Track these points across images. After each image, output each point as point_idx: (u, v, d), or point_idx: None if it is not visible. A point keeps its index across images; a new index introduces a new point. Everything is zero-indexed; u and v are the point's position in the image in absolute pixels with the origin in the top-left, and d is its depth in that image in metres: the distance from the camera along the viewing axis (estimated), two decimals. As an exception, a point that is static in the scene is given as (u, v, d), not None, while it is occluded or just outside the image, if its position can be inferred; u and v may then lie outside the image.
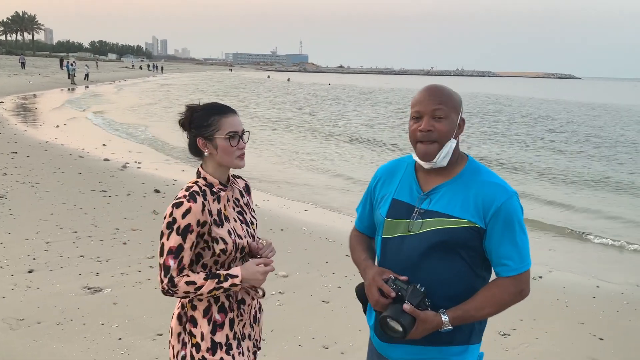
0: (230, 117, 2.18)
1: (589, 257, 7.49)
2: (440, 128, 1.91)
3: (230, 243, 2.15)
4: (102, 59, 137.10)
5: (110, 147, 14.12)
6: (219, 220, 2.17)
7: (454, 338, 1.95)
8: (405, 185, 2.05)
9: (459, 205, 1.92)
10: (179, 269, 2.08)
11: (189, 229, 2.07)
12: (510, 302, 1.94)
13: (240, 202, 2.31)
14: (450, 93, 1.97)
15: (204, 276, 2.09)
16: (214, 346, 2.16)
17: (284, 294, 5.22)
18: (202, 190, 2.16)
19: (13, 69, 51.80)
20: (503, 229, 1.90)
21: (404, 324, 1.83)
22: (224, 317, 2.19)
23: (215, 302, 2.18)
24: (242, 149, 2.19)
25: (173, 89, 47.58)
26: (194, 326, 2.18)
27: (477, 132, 23.66)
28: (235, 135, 2.16)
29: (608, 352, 4.45)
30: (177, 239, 2.07)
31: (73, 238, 6.43)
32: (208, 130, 2.16)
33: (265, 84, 70.60)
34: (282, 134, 21.23)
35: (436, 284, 1.92)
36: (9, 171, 9.91)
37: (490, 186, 1.93)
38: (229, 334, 2.19)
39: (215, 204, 2.19)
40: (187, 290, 2.08)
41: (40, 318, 4.40)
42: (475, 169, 2.00)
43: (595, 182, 13.45)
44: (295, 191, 10.99)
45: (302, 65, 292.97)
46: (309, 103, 39.05)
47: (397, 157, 2.25)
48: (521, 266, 1.93)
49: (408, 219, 1.98)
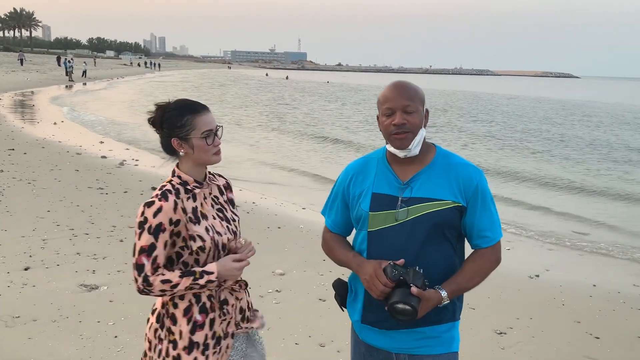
0: (204, 115, 2.15)
1: (586, 256, 7.49)
2: (412, 120, 2.06)
3: (208, 240, 2.13)
4: (100, 56, 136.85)
5: (108, 145, 14.10)
6: (195, 218, 2.14)
7: (442, 317, 2.10)
8: (382, 178, 2.15)
9: (442, 188, 2.07)
10: (153, 268, 2.07)
11: (161, 227, 2.06)
12: (491, 270, 2.16)
13: (219, 200, 2.29)
14: (415, 88, 2.13)
15: (179, 274, 2.08)
16: (191, 345, 2.15)
17: (281, 292, 5.22)
18: (176, 189, 2.15)
19: (11, 65, 51.69)
20: (481, 205, 2.09)
21: (414, 305, 1.92)
22: (205, 317, 2.18)
23: (197, 302, 2.17)
24: (217, 146, 2.18)
25: (172, 86, 47.46)
26: (174, 324, 2.17)
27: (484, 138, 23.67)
28: (210, 133, 2.14)
29: (604, 351, 4.46)
30: (149, 238, 2.06)
31: (70, 235, 6.41)
32: (183, 130, 2.13)
33: (272, 82, 70.42)
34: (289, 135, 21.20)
35: (428, 265, 2.04)
36: (6, 168, 9.89)
37: (464, 167, 2.12)
38: (208, 333, 2.18)
39: (191, 202, 2.16)
40: (163, 288, 2.07)
41: (36, 315, 4.39)
42: (445, 155, 2.17)
43: (589, 183, 13.47)
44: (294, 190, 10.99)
45: (300, 63, 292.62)
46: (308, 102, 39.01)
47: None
48: (497, 236, 2.14)
49: (393, 209, 2.08)
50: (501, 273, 5.92)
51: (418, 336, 2.09)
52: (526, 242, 7.96)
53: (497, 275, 5.58)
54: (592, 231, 8.79)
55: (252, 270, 6.34)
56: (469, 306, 5.08)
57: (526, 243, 7.89)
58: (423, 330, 2.09)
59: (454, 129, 23.86)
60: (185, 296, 2.17)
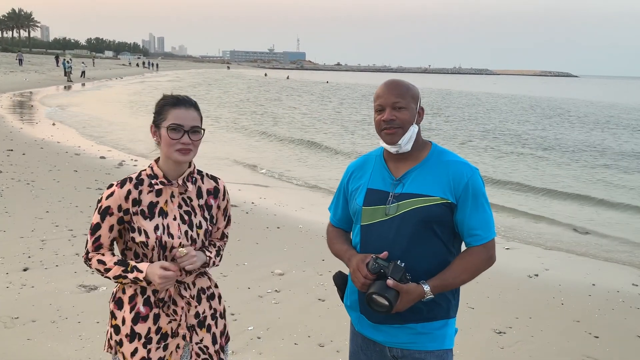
0: (180, 109, 2.13)
1: (585, 256, 7.49)
2: (401, 117, 2.12)
3: (153, 238, 2.11)
4: (98, 57, 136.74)
5: (106, 145, 14.08)
6: (149, 212, 2.14)
7: (435, 314, 2.14)
8: (377, 174, 2.22)
9: (431, 185, 2.10)
10: (95, 247, 2.16)
11: (108, 211, 2.13)
12: (482, 268, 2.14)
13: (192, 202, 2.22)
14: (408, 86, 2.18)
15: (115, 260, 2.14)
16: (133, 335, 2.17)
17: (280, 292, 5.22)
18: (139, 179, 2.17)
19: (9, 66, 51.64)
20: (472, 203, 2.09)
21: (389, 298, 1.97)
22: (149, 310, 2.17)
23: (142, 294, 2.18)
24: (184, 144, 2.11)
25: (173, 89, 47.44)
26: (119, 309, 2.20)
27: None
28: (177, 128, 2.11)
29: (603, 350, 4.46)
30: (97, 217, 2.15)
31: (69, 236, 6.41)
32: (158, 118, 2.16)
33: (272, 82, 70.39)
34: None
35: (415, 260, 2.08)
36: (5, 169, 9.88)
37: (456, 164, 2.14)
38: (151, 327, 2.17)
39: (151, 196, 2.16)
40: (98, 267, 2.16)
41: (35, 316, 4.38)
42: (439, 152, 2.20)
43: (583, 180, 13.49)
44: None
45: (299, 63, 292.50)
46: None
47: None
48: (489, 235, 2.12)
49: (384, 205, 2.14)
50: (500, 273, 5.97)
51: (410, 332, 2.13)
52: (525, 241, 7.95)
53: (496, 275, 5.63)
54: (591, 230, 8.79)
55: (252, 270, 6.34)
56: (468, 306, 5.08)
57: (525, 242, 7.89)
58: (415, 327, 2.12)
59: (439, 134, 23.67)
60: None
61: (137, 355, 2.16)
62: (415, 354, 2.15)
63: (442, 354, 2.16)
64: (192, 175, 2.24)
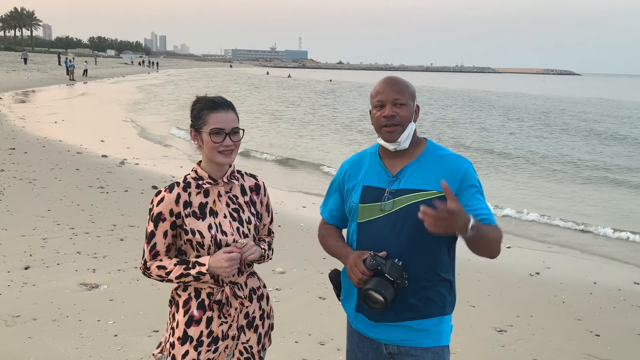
0: (220, 113, 2.16)
1: (586, 254, 7.48)
2: (401, 113, 2.12)
3: (208, 237, 2.14)
4: (101, 55, 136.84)
5: (109, 144, 14.10)
6: (200, 213, 2.17)
7: (431, 310, 2.13)
8: (373, 172, 2.21)
9: (427, 179, 2.09)
10: (152, 254, 2.16)
11: (161, 217, 2.14)
12: (500, 241, 2.07)
13: (238, 200, 2.27)
14: (406, 83, 2.18)
15: (175, 262, 2.15)
16: (185, 338, 2.19)
17: (281, 290, 5.22)
18: (186, 182, 2.20)
19: (12, 65, 51.74)
20: (470, 193, 2.08)
21: (385, 294, 1.97)
22: (202, 314, 2.19)
23: (196, 298, 2.20)
24: (226, 146, 2.15)
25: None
26: (177, 311, 2.23)
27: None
28: (219, 132, 2.14)
29: (604, 349, 4.45)
30: (151, 225, 2.16)
31: (70, 234, 6.42)
32: (198, 123, 2.18)
33: (272, 81, 70.38)
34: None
35: (412, 256, 2.07)
36: (6, 167, 9.90)
37: (452, 157, 2.16)
38: (203, 330, 2.19)
39: (200, 197, 2.19)
40: (159, 274, 2.16)
41: (36, 315, 4.40)
42: (434, 148, 2.21)
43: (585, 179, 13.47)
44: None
45: (301, 62, 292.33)
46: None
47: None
48: (492, 218, 2.08)
49: (380, 202, 2.13)
50: (501, 271, 5.97)
51: (405, 329, 2.13)
52: (526, 239, 7.94)
53: (497, 273, 5.62)
54: (592, 229, 8.77)
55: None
56: (469, 304, 5.08)
57: (526, 241, 7.88)
58: (410, 324, 2.12)
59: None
60: (187, 288, 2.21)
61: (187, 358, 2.18)
62: (412, 350, 2.15)
63: (438, 351, 2.16)
64: (234, 174, 2.28)
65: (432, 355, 2.15)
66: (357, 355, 2.31)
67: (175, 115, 23.27)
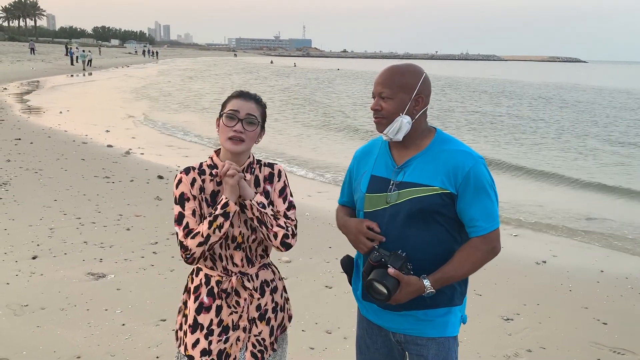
0: (240, 100, 2.16)
1: (593, 242, 7.45)
2: (385, 107, 2.09)
3: None
4: (104, 45, 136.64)
5: (114, 134, 14.12)
6: (212, 201, 2.18)
7: (438, 301, 2.11)
8: (381, 161, 2.21)
9: (430, 174, 2.07)
10: (185, 233, 2.12)
11: (184, 197, 2.15)
12: (484, 260, 2.09)
13: None
14: (402, 74, 2.11)
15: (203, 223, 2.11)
16: (195, 325, 2.19)
17: (287, 279, 5.22)
18: (201, 169, 2.21)
19: (16, 55, 51.72)
20: (473, 193, 2.04)
21: (388, 286, 1.98)
22: (212, 301, 2.19)
23: (206, 284, 2.20)
24: (236, 132, 2.11)
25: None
26: (189, 298, 2.25)
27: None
28: (232, 116, 2.12)
29: (612, 337, 4.44)
30: (177, 208, 2.16)
31: (77, 224, 6.44)
32: (221, 110, 2.19)
33: (278, 70, 70.15)
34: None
35: (417, 249, 2.06)
36: (13, 158, 9.93)
37: (458, 153, 2.08)
38: (213, 319, 2.19)
39: (212, 185, 2.19)
40: (198, 242, 2.09)
41: (44, 304, 4.42)
42: (443, 140, 2.15)
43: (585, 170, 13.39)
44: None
45: (305, 50, 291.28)
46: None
47: None
48: (490, 225, 2.06)
49: (386, 192, 2.13)
50: (508, 259, 5.95)
51: (412, 318, 2.14)
52: (533, 228, 7.91)
53: (504, 262, 5.61)
54: (599, 216, 8.73)
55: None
56: (476, 292, 5.08)
57: (533, 229, 7.85)
58: (416, 313, 2.12)
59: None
60: (199, 273, 2.22)
61: (198, 346, 2.18)
62: (417, 339, 2.15)
63: (443, 341, 2.15)
64: (251, 166, 2.25)
65: (436, 346, 2.14)
66: (366, 342, 2.33)
67: (180, 106, 23.24)
